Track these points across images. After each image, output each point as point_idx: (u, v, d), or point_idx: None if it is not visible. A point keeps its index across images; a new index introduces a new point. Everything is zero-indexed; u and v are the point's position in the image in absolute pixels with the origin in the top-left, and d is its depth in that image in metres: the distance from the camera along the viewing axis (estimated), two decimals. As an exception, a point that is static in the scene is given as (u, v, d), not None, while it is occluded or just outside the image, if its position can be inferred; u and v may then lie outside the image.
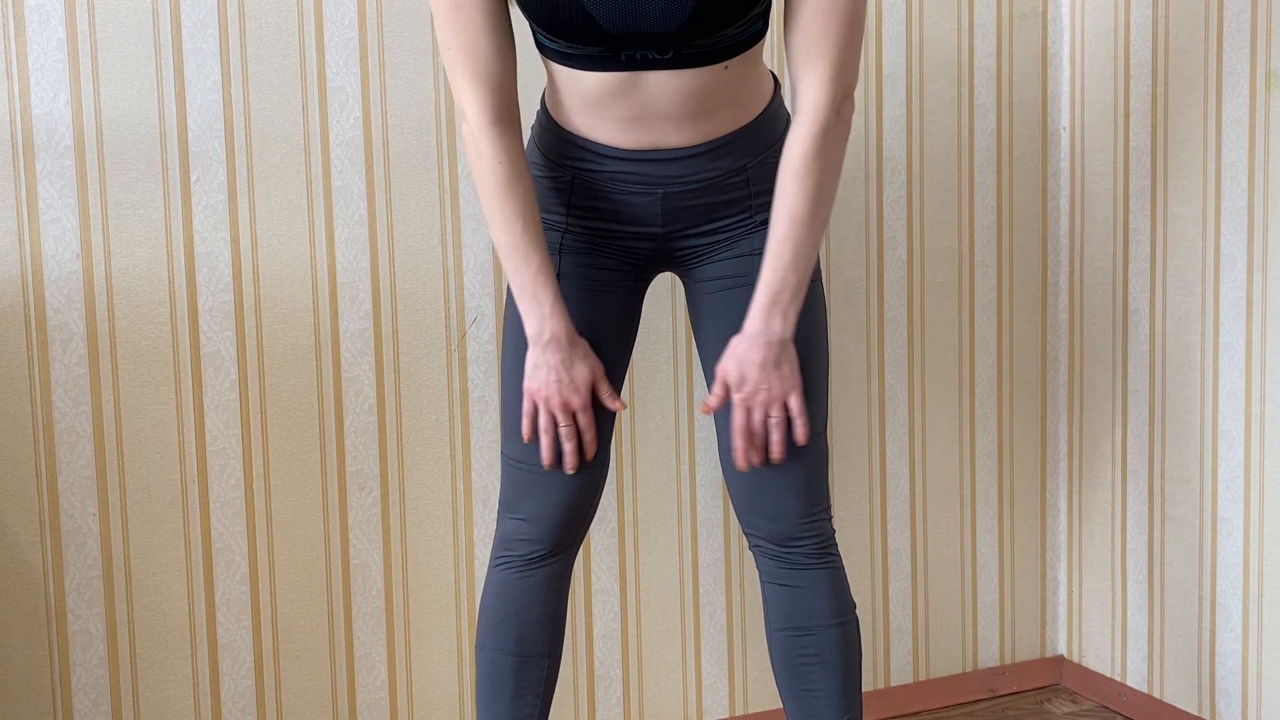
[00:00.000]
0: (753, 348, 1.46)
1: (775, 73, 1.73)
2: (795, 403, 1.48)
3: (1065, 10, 2.27)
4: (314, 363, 1.85)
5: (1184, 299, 2.05)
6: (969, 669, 2.32)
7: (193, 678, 1.82)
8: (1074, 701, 2.29)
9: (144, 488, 1.78)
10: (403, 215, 1.88)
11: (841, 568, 1.59)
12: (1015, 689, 2.34)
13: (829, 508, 1.58)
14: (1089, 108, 2.23)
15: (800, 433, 1.49)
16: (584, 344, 1.50)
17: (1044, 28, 2.27)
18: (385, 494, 1.90)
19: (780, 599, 1.58)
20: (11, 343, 1.71)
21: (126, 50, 1.73)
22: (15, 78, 1.68)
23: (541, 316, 1.46)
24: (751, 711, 2.15)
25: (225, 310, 1.80)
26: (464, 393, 1.93)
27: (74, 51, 1.70)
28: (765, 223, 1.50)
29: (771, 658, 1.61)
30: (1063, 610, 2.37)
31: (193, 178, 1.77)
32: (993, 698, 2.32)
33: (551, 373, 1.47)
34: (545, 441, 1.50)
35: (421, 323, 1.91)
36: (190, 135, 1.77)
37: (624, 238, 1.53)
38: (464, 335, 1.93)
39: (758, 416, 1.49)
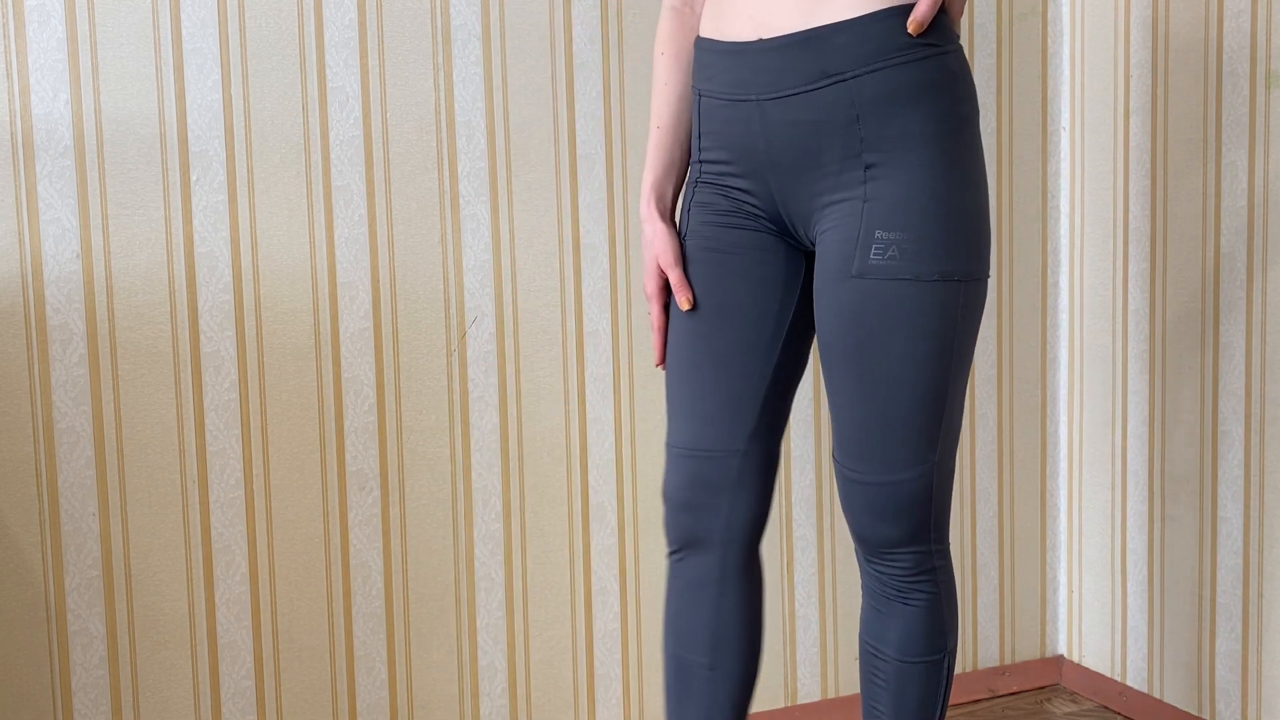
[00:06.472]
0: None
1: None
2: None
3: (1065, 10, 2.27)
4: (314, 363, 1.85)
5: (1184, 299, 2.05)
6: (969, 669, 2.32)
7: (193, 678, 1.82)
8: (1074, 701, 2.29)
9: (144, 488, 1.78)
10: (403, 215, 1.88)
11: (929, 606, 1.42)
12: (1015, 689, 2.34)
13: (930, 543, 1.40)
14: (1089, 108, 2.23)
15: None
16: (665, 226, 1.45)
17: (1044, 28, 2.27)
18: (385, 494, 1.90)
19: (865, 607, 1.47)
20: (11, 343, 1.71)
21: (126, 50, 1.73)
22: (15, 78, 1.68)
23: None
24: (751, 711, 2.15)
25: (225, 310, 1.80)
26: (464, 393, 1.93)
27: (74, 51, 1.70)
28: (873, 166, 1.33)
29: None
30: (1063, 610, 2.37)
31: (193, 178, 1.77)
32: (993, 698, 2.32)
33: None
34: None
35: (421, 323, 1.90)
36: (190, 135, 1.77)
37: (740, 190, 1.42)
38: (464, 335, 1.93)
39: None
